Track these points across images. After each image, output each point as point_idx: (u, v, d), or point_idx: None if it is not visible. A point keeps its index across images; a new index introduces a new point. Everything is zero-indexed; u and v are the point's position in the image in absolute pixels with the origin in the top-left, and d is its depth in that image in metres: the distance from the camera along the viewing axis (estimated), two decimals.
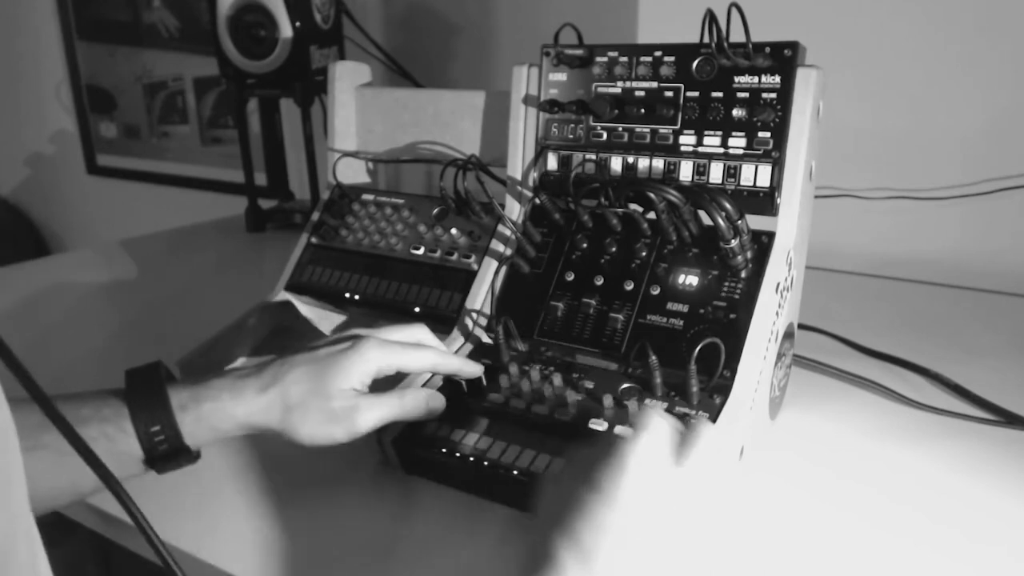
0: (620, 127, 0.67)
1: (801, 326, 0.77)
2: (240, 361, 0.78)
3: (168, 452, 0.50)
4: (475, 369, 0.61)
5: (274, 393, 0.52)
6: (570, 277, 0.67)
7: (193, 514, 0.57)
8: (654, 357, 0.58)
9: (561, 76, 0.69)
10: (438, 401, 0.58)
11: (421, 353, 0.58)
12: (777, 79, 0.60)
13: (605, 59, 0.67)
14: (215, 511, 0.57)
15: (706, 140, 0.63)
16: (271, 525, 0.55)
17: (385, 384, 0.58)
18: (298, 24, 1.19)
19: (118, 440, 0.48)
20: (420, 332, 0.61)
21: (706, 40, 0.61)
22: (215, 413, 0.51)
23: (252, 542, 0.53)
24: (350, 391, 0.54)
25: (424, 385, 0.63)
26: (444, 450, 0.57)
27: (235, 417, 0.51)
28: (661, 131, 0.65)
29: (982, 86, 0.99)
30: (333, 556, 0.52)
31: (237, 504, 0.58)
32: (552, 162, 0.70)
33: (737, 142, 0.62)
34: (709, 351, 0.57)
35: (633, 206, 0.65)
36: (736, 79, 0.62)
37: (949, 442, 0.64)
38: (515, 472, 0.54)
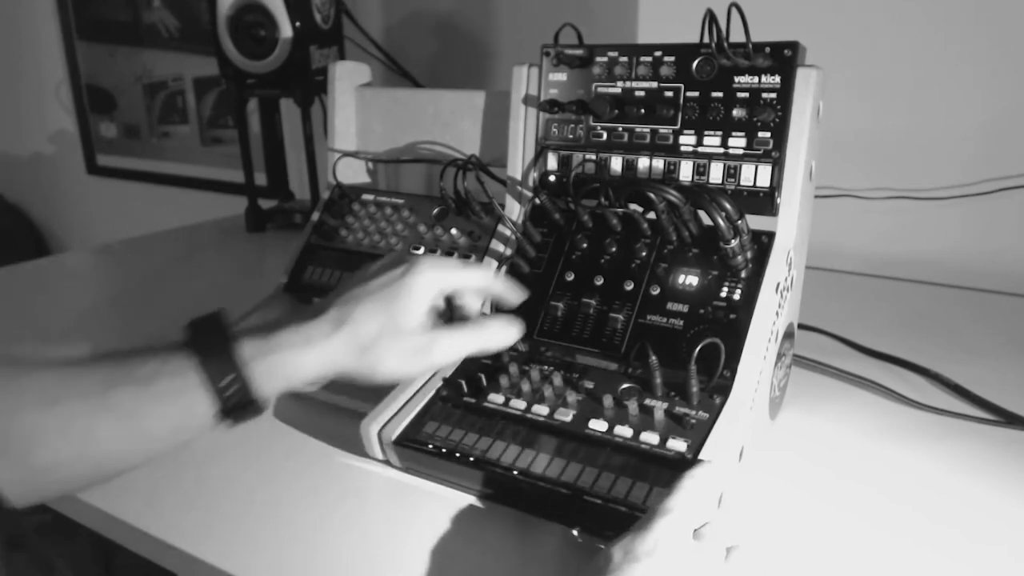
0: (620, 127, 0.67)
1: (801, 326, 0.77)
2: None
3: (239, 403, 0.47)
4: (520, 295, 0.61)
5: (346, 334, 0.50)
6: (570, 277, 0.67)
7: (192, 513, 0.57)
8: (654, 357, 0.58)
9: (561, 76, 0.69)
10: (514, 330, 0.57)
11: (474, 269, 0.58)
12: (777, 79, 0.60)
13: (605, 59, 0.67)
14: (214, 510, 0.57)
15: (706, 140, 0.63)
16: (270, 524, 0.55)
17: None
18: (298, 24, 1.19)
19: (188, 394, 0.46)
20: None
21: (706, 40, 0.61)
22: (287, 363, 0.48)
23: (251, 541, 0.53)
24: (422, 322, 0.52)
25: (425, 384, 0.63)
26: (444, 450, 0.57)
27: (307, 365, 0.49)
28: (661, 131, 0.65)
29: (982, 86, 0.99)
30: (332, 556, 0.52)
31: (236, 504, 0.58)
32: (552, 162, 0.70)
33: (737, 142, 0.62)
34: (709, 351, 0.57)
35: (633, 206, 0.65)
36: (736, 79, 0.62)
37: (949, 442, 0.64)
38: (515, 472, 0.54)
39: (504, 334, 0.56)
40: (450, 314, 0.59)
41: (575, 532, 0.53)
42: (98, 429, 0.43)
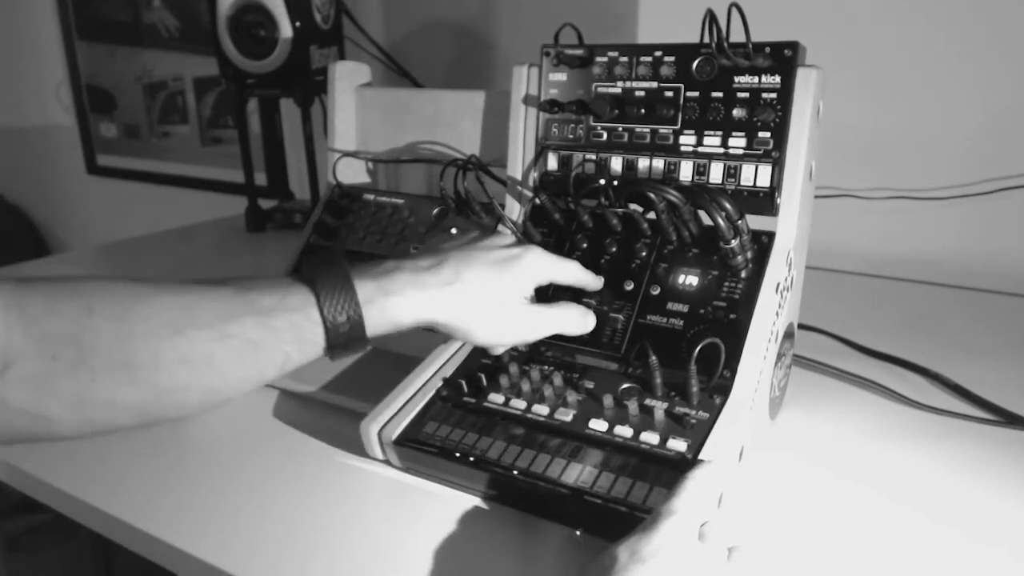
0: (620, 127, 0.67)
1: (801, 326, 0.77)
2: None
3: (349, 339, 0.50)
4: (597, 283, 0.64)
5: (456, 290, 0.54)
6: None
7: (192, 513, 0.57)
8: (654, 357, 0.58)
9: (561, 76, 0.69)
10: (592, 319, 0.62)
11: (570, 265, 0.62)
12: (777, 79, 0.60)
13: (605, 59, 0.67)
14: (214, 510, 0.57)
15: (706, 140, 0.63)
16: (270, 524, 0.55)
17: None
18: (298, 24, 1.19)
19: (304, 329, 0.48)
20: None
21: (706, 40, 0.61)
22: (399, 307, 0.52)
23: (251, 541, 0.53)
24: (521, 299, 0.58)
25: (426, 384, 0.63)
26: (444, 450, 0.57)
27: (415, 311, 0.53)
28: (661, 131, 0.65)
29: (982, 86, 0.99)
30: (332, 556, 0.52)
31: (236, 504, 0.58)
32: (552, 162, 0.70)
33: (737, 142, 0.62)
34: (709, 351, 0.57)
35: (633, 206, 0.65)
36: (736, 79, 0.62)
37: (949, 442, 0.64)
38: (515, 472, 0.54)
39: (587, 319, 0.62)
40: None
41: (578, 533, 0.53)
42: (217, 357, 0.45)
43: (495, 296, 0.56)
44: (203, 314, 0.45)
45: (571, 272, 0.62)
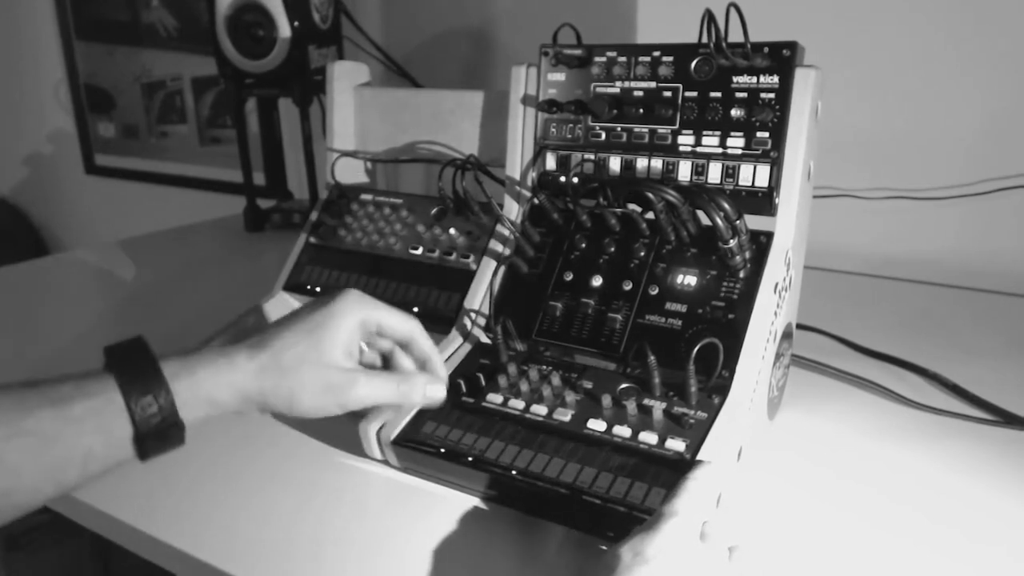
0: (619, 127, 0.67)
1: (800, 326, 0.77)
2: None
3: (160, 427, 0.45)
4: (439, 390, 0.57)
5: (267, 356, 0.49)
6: (569, 277, 0.67)
7: (191, 513, 0.56)
8: (653, 357, 0.58)
9: (560, 76, 0.69)
10: (438, 391, 0.56)
11: (405, 317, 0.56)
12: (776, 79, 0.60)
13: (604, 59, 0.67)
14: (213, 510, 0.57)
15: (704, 140, 0.63)
16: (269, 524, 0.55)
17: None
18: (297, 24, 1.19)
19: (106, 415, 0.43)
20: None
21: (704, 40, 0.61)
22: (209, 380, 0.47)
23: (250, 541, 0.53)
24: (344, 356, 0.52)
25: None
26: (443, 450, 0.56)
27: (231, 384, 0.48)
28: (660, 131, 0.65)
29: (981, 86, 0.99)
30: (331, 556, 0.52)
31: (235, 504, 0.58)
32: (551, 162, 0.70)
33: (735, 142, 0.62)
34: (707, 351, 0.57)
35: (632, 206, 0.65)
36: (734, 79, 0.62)
37: (949, 442, 0.64)
38: (513, 472, 0.54)
39: (427, 391, 0.55)
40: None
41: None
42: (10, 456, 0.41)
43: (311, 355, 0.50)
44: None
45: (396, 319, 0.56)
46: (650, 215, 0.64)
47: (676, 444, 0.53)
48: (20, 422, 0.42)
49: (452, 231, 0.77)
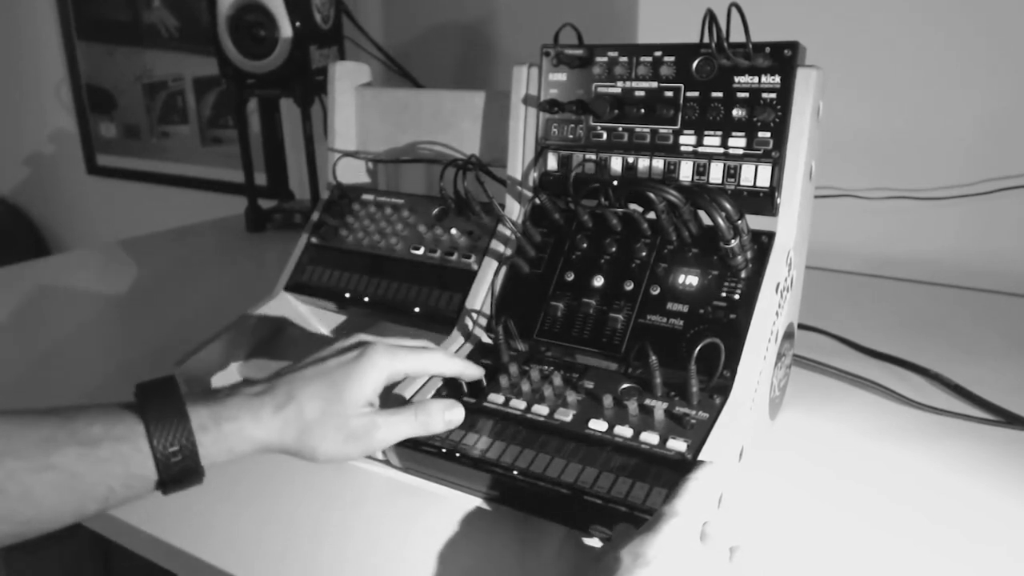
0: (620, 127, 0.67)
1: (801, 326, 0.77)
2: (234, 366, 0.77)
3: (181, 474, 0.47)
4: (476, 372, 0.61)
5: (291, 412, 0.51)
6: (570, 277, 0.67)
7: (191, 513, 0.57)
8: (654, 357, 0.58)
9: (561, 76, 0.69)
10: (456, 413, 0.57)
11: (427, 356, 0.58)
12: (777, 79, 0.60)
13: (605, 59, 0.67)
14: (213, 510, 0.57)
15: (706, 140, 0.63)
16: (269, 524, 0.55)
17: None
18: (298, 24, 1.19)
19: (132, 461, 0.46)
20: (422, 341, 0.62)
21: (706, 40, 0.61)
22: (234, 435, 0.49)
23: (250, 541, 0.53)
24: (366, 406, 0.54)
25: (424, 386, 0.63)
26: (444, 451, 0.57)
27: (253, 439, 0.50)
28: (661, 131, 0.65)
29: (981, 86, 0.99)
30: (332, 555, 0.52)
31: (235, 503, 0.58)
32: (552, 162, 0.70)
33: (737, 142, 0.62)
34: (709, 351, 0.57)
35: (633, 206, 0.65)
36: (736, 79, 0.62)
37: (949, 442, 0.64)
38: (515, 472, 0.54)
39: (445, 417, 0.57)
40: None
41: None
42: (36, 489, 0.43)
43: (333, 410, 0.52)
44: (22, 444, 0.43)
45: (426, 365, 0.58)
46: (651, 215, 0.64)
47: (677, 444, 0.53)
48: (48, 458, 0.43)
49: (453, 231, 0.77)
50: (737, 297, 0.60)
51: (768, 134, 0.61)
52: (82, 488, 0.44)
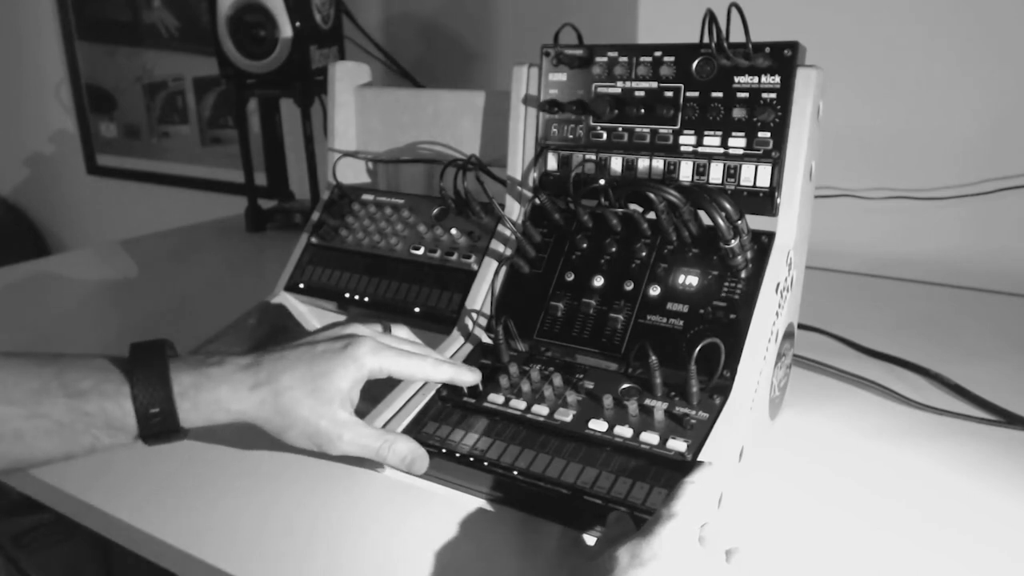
0: (620, 127, 0.67)
1: (801, 326, 0.77)
2: None
3: (161, 431, 0.51)
4: (470, 377, 0.61)
5: (266, 392, 0.53)
6: (570, 277, 0.67)
7: (192, 513, 0.57)
8: (654, 357, 0.58)
9: (561, 76, 0.69)
10: (419, 465, 0.57)
11: (415, 361, 0.59)
12: (777, 79, 0.60)
13: (605, 59, 0.67)
14: (214, 510, 0.57)
15: (706, 140, 0.63)
16: (270, 524, 0.55)
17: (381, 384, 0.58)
18: (298, 24, 1.19)
19: (115, 416, 0.50)
20: (420, 346, 0.63)
21: (706, 40, 0.61)
22: (211, 404, 0.52)
23: (250, 541, 0.53)
24: (343, 400, 0.55)
25: (424, 386, 0.63)
26: (444, 450, 0.57)
27: (229, 411, 0.53)
28: (661, 131, 0.65)
29: (981, 86, 0.99)
30: (332, 556, 0.52)
31: (236, 504, 0.58)
32: (552, 162, 0.70)
33: (737, 142, 0.62)
34: (709, 351, 0.57)
35: (633, 206, 0.65)
36: (736, 79, 0.62)
37: (949, 442, 0.64)
38: (515, 473, 0.54)
39: (406, 461, 0.56)
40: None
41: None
42: (27, 433, 0.48)
43: (307, 402, 0.53)
44: (18, 391, 0.48)
45: (413, 368, 0.59)
46: (651, 215, 0.64)
47: (677, 444, 0.53)
48: (39, 407, 0.48)
49: (453, 231, 0.77)
50: (737, 297, 0.60)
51: (768, 134, 0.61)
52: (70, 435, 0.49)
